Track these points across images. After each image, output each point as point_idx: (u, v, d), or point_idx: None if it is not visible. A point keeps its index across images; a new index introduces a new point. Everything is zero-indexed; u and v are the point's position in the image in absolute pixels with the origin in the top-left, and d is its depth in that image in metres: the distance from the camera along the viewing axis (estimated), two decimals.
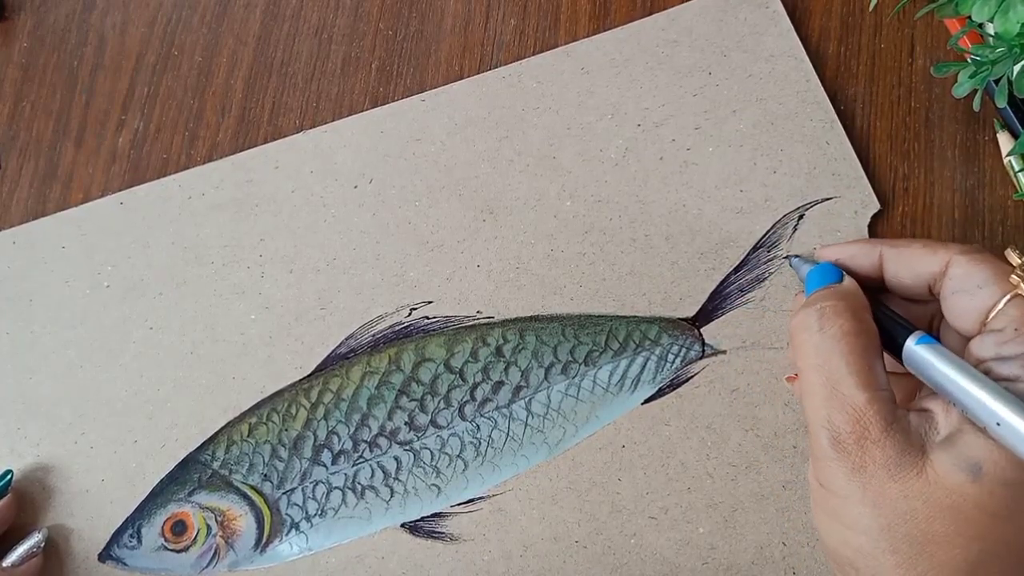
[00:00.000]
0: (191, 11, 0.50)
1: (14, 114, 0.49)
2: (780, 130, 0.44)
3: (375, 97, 0.48)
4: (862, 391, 0.28)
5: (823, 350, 0.29)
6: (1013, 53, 0.37)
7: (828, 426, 0.28)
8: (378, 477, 0.41)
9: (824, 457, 0.29)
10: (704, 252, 0.42)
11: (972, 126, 0.44)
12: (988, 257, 0.31)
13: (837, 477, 0.28)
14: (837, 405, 0.28)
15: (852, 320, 0.30)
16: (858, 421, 0.28)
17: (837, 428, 0.28)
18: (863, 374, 0.29)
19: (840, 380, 0.29)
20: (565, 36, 0.47)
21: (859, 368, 0.29)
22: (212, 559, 0.40)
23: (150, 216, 0.46)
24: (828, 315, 0.30)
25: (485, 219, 0.44)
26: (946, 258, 0.31)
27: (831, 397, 0.29)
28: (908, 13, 0.46)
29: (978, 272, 0.30)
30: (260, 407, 0.42)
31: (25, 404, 0.43)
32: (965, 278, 0.30)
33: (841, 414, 0.28)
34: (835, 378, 0.29)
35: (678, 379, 0.41)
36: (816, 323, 0.30)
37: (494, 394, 0.41)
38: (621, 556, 0.39)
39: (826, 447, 0.28)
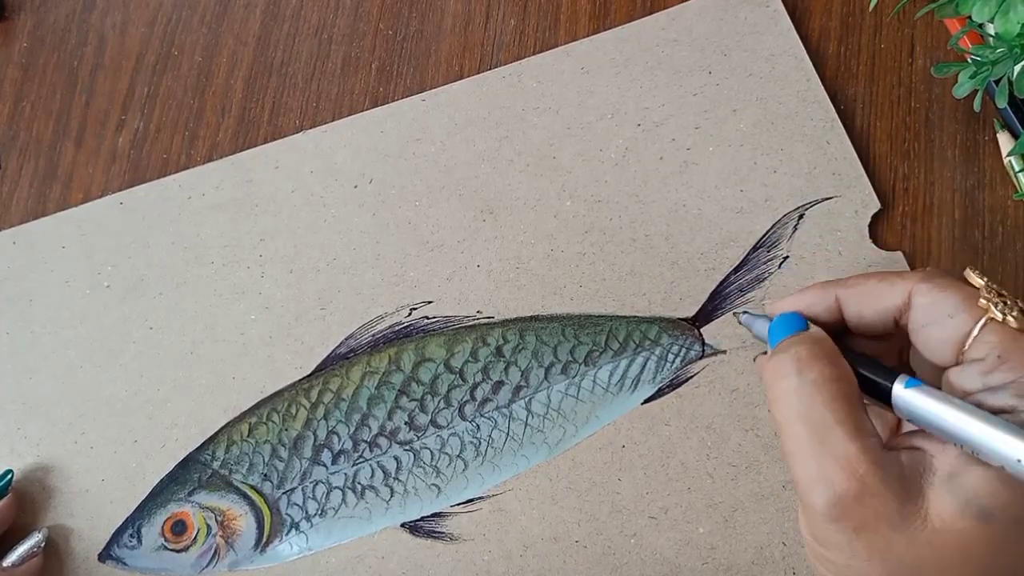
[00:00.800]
0: (191, 11, 0.50)
1: (14, 114, 0.49)
2: (780, 129, 0.44)
3: (375, 97, 0.48)
4: (852, 441, 0.27)
5: (805, 398, 0.28)
6: (1013, 53, 0.37)
7: (824, 483, 0.27)
8: (378, 477, 0.41)
9: (822, 518, 0.27)
10: (704, 252, 0.42)
11: (972, 126, 0.44)
12: (951, 282, 0.29)
13: (838, 538, 0.27)
14: (829, 459, 0.27)
15: (830, 365, 0.28)
16: (854, 475, 0.26)
17: (833, 484, 0.26)
18: (851, 422, 0.27)
19: (828, 430, 0.27)
20: (565, 36, 0.47)
21: (846, 416, 0.27)
22: (212, 559, 0.40)
23: (150, 216, 0.46)
24: (805, 360, 0.28)
25: (485, 219, 0.44)
26: (907, 288, 0.29)
27: (821, 450, 0.27)
28: (908, 13, 0.46)
29: (945, 301, 0.28)
30: (260, 407, 0.42)
31: (25, 404, 0.43)
32: (932, 308, 0.29)
33: (835, 468, 0.26)
34: (822, 429, 0.27)
35: (678, 379, 0.41)
36: (794, 369, 0.28)
37: (494, 394, 0.41)
38: (621, 556, 0.39)
39: (823, 508, 0.27)
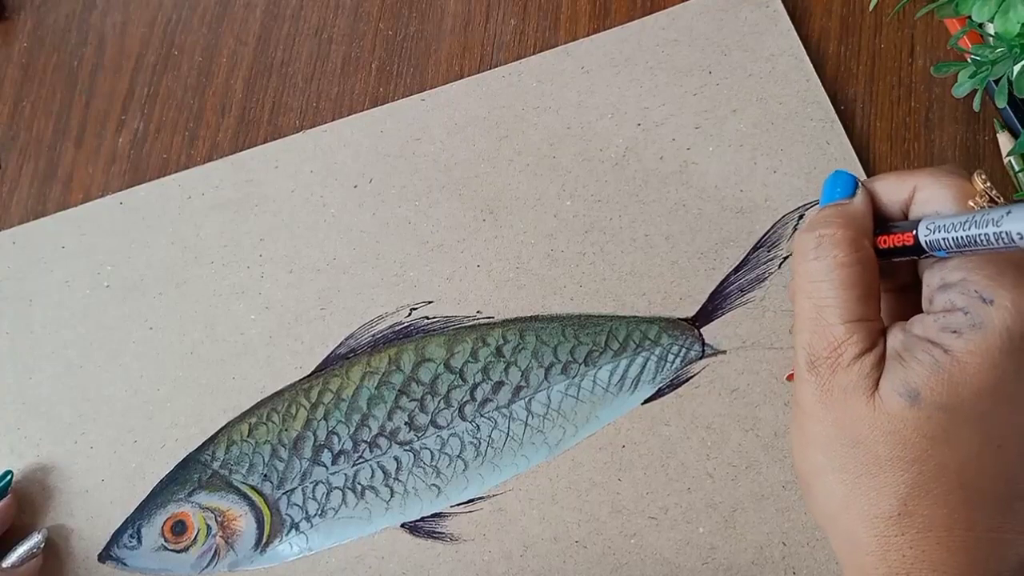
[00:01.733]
0: (191, 11, 0.50)
1: (14, 114, 0.49)
2: (780, 130, 0.44)
3: (375, 97, 0.48)
4: (842, 322, 0.29)
5: (815, 277, 0.30)
6: (1013, 53, 0.37)
7: (807, 348, 0.30)
8: (378, 477, 0.41)
9: (800, 376, 0.30)
10: (704, 252, 0.42)
11: (972, 126, 0.44)
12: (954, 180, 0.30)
13: (807, 396, 0.30)
14: (820, 331, 0.30)
15: (848, 250, 0.30)
16: (834, 348, 0.29)
17: (815, 351, 0.29)
18: (848, 304, 0.29)
19: (825, 309, 0.30)
20: (565, 36, 0.47)
21: (846, 299, 0.29)
22: (212, 559, 0.40)
23: (150, 216, 0.46)
24: (825, 244, 0.30)
25: (485, 219, 0.44)
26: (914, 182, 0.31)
27: (816, 322, 0.30)
28: (908, 13, 0.46)
29: (940, 195, 0.30)
30: (260, 407, 0.42)
31: (25, 404, 0.43)
32: (926, 204, 0.30)
33: (821, 339, 0.29)
34: (821, 306, 0.30)
35: (678, 379, 0.41)
36: (812, 251, 0.31)
37: (494, 394, 0.41)
38: (621, 556, 0.39)
39: (802, 367, 0.30)
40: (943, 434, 0.27)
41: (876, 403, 0.28)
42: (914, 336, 0.29)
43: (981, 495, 0.27)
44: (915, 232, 0.29)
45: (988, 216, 0.26)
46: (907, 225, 0.30)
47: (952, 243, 0.28)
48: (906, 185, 0.31)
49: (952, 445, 0.27)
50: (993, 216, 0.26)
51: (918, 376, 0.28)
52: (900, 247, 0.30)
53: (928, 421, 0.27)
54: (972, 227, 0.27)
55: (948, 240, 0.28)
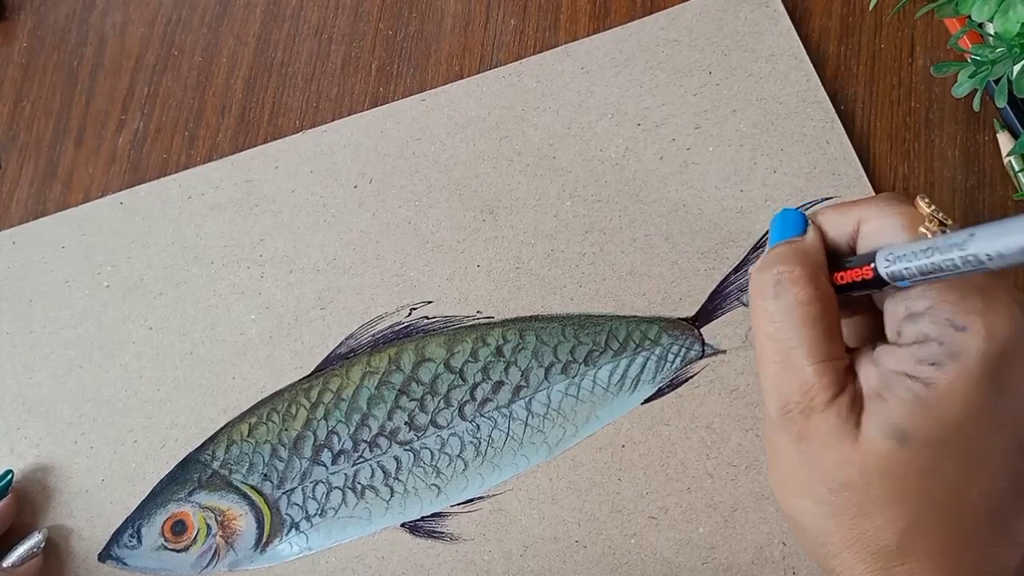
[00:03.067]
0: (191, 11, 0.50)
1: (14, 114, 0.49)
2: (780, 130, 0.44)
3: (375, 97, 0.48)
4: (811, 363, 0.28)
5: (777, 318, 0.29)
6: (1013, 53, 0.37)
7: (776, 392, 0.29)
8: (378, 477, 0.41)
9: (771, 424, 0.29)
10: (704, 252, 0.42)
11: (972, 126, 0.44)
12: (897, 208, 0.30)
13: (783, 444, 0.29)
14: (787, 375, 0.29)
15: (807, 287, 0.29)
16: (806, 392, 0.28)
17: (785, 397, 0.29)
18: (814, 343, 0.29)
19: (791, 350, 0.29)
20: (565, 36, 0.47)
21: (810, 338, 0.29)
22: (212, 559, 0.40)
23: (150, 216, 0.46)
24: (784, 283, 0.30)
25: (485, 219, 0.44)
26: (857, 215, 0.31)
27: (782, 366, 0.29)
28: (908, 13, 0.46)
29: (887, 226, 0.29)
30: (260, 407, 0.42)
31: (25, 404, 0.43)
32: (874, 235, 0.30)
33: (790, 384, 0.29)
34: (786, 348, 0.29)
35: (678, 379, 0.41)
36: (772, 290, 0.30)
37: (494, 394, 0.41)
38: (621, 556, 0.39)
39: (773, 415, 0.29)
40: (932, 467, 0.27)
41: (862, 446, 0.27)
42: (889, 371, 0.28)
43: (974, 518, 0.27)
44: (873, 265, 0.29)
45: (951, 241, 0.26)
46: (862, 259, 0.30)
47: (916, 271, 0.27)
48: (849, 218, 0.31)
49: (942, 476, 0.27)
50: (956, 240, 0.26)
51: (901, 414, 0.27)
52: (859, 281, 0.30)
53: (918, 457, 0.27)
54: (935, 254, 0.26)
55: (911, 269, 0.27)
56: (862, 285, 0.30)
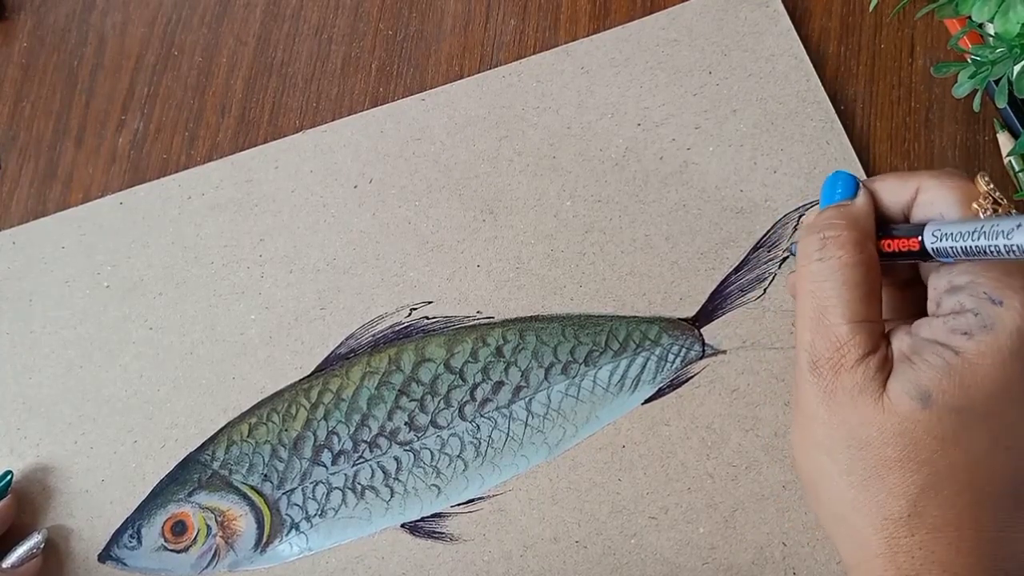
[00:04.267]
0: (191, 11, 0.50)
1: (14, 114, 0.49)
2: (780, 130, 0.44)
3: (375, 97, 0.48)
4: (846, 322, 0.29)
5: (818, 278, 0.30)
6: (1013, 53, 0.37)
7: (810, 349, 0.30)
8: (378, 477, 0.41)
9: (802, 378, 0.30)
10: (704, 252, 0.42)
11: (972, 126, 0.44)
12: (957, 182, 0.30)
13: (810, 398, 0.30)
14: (822, 332, 0.29)
15: (852, 251, 0.30)
16: (837, 349, 0.29)
17: (817, 352, 0.29)
18: (852, 305, 0.29)
19: (828, 309, 0.29)
20: (565, 36, 0.47)
21: (849, 299, 0.29)
22: (212, 559, 0.40)
23: (150, 216, 0.46)
24: (830, 245, 0.30)
25: (485, 219, 0.44)
26: (916, 184, 0.31)
27: (818, 323, 0.30)
28: (908, 13, 0.46)
29: (943, 197, 0.30)
30: (260, 407, 0.42)
31: (25, 404, 0.43)
32: (929, 206, 0.30)
33: (823, 340, 0.29)
34: (824, 306, 0.30)
35: (678, 379, 0.41)
36: (817, 252, 0.31)
37: (494, 394, 0.41)
38: (621, 556, 0.39)
39: (804, 369, 0.30)
40: (953, 435, 0.27)
41: (885, 404, 0.28)
42: (922, 339, 0.29)
43: (990, 496, 0.27)
44: (920, 238, 0.29)
45: (997, 227, 0.26)
46: (911, 229, 0.30)
47: (959, 251, 0.28)
48: (908, 186, 0.31)
49: (962, 446, 0.27)
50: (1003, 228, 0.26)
51: (929, 378, 0.27)
52: (904, 251, 0.30)
53: (939, 422, 0.27)
54: (981, 238, 0.27)
55: (955, 248, 0.28)
56: (907, 255, 0.30)
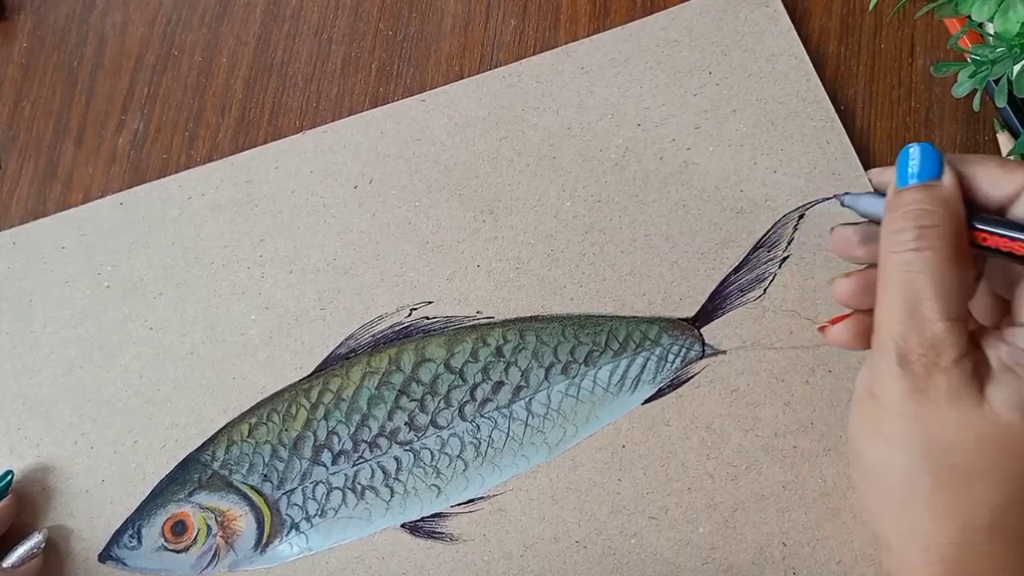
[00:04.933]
0: (191, 11, 0.50)
1: (14, 114, 0.49)
2: (780, 129, 0.44)
3: (375, 97, 0.48)
4: (943, 318, 0.27)
5: (914, 268, 0.28)
6: (1013, 53, 0.37)
7: (900, 341, 0.28)
8: (378, 477, 0.41)
9: (886, 371, 0.28)
10: (704, 252, 0.42)
11: (972, 126, 0.44)
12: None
13: (894, 392, 0.28)
14: (915, 325, 0.28)
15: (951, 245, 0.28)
16: (932, 346, 0.27)
17: (909, 347, 0.28)
18: (949, 301, 0.28)
19: (923, 302, 0.28)
20: (565, 36, 0.47)
21: (947, 294, 0.28)
22: (212, 559, 0.40)
23: (150, 216, 0.46)
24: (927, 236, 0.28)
25: (485, 219, 0.44)
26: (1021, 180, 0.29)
27: (911, 315, 0.28)
28: (908, 13, 0.46)
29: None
30: (260, 407, 0.42)
31: (25, 404, 0.43)
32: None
33: (917, 335, 0.28)
34: (919, 298, 0.28)
35: (678, 379, 0.41)
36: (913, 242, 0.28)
37: (494, 394, 0.41)
38: (621, 556, 0.39)
39: (892, 362, 0.28)
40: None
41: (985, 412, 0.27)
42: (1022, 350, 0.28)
43: None
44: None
45: None
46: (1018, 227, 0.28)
47: None
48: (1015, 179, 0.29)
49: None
50: None
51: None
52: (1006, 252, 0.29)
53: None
54: None
55: None
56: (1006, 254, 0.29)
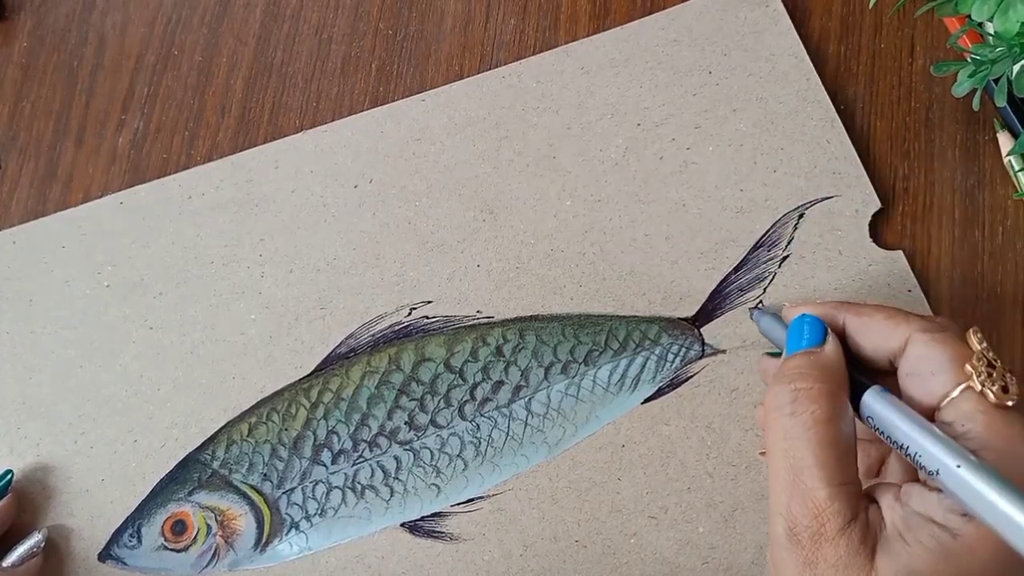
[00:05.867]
0: (191, 11, 0.50)
1: (14, 114, 0.49)
2: (780, 129, 0.44)
3: (375, 97, 0.48)
4: (824, 486, 0.27)
5: (791, 436, 0.28)
6: (1013, 52, 0.37)
7: (786, 515, 0.28)
8: (378, 477, 0.41)
9: (778, 544, 0.28)
10: (704, 252, 0.42)
11: (972, 126, 0.44)
12: (948, 338, 0.29)
13: (788, 566, 0.28)
14: (798, 496, 0.28)
15: (826, 405, 0.29)
16: (816, 516, 0.27)
17: (794, 519, 0.28)
18: (828, 466, 0.28)
19: (804, 470, 0.28)
20: (565, 36, 0.47)
21: (825, 460, 0.28)
22: (212, 559, 0.40)
23: (150, 216, 0.46)
24: (802, 399, 0.29)
25: (485, 219, 0.44)
26: (906, 334, 0.30)
27: (793, 486, 0.28)
28: (908, 12, 0.46)
29: (933, 356, 0.29)
30: (260, 407, 0.42)
31: (25, 404, 0.43)
32: (920, 361, 0.29)
33: (801, 506, 0.28)
34: (799, 467, 0.28)
35: (678, 379, 0.41)
36: (788, 406, 0.29)
37: (494, 394, 0.41)
38: (621, 556, 0.39)
39: (781, 535, 0.28)
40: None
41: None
42: (915, 512, 0.27)
43: None
44: None
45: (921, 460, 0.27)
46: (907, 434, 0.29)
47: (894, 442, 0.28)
48: (898, 334, 0.30)
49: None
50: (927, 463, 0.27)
51: (923, 561, 0.26)
52: None
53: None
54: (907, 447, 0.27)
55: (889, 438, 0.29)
56: None
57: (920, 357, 0.29)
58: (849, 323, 0.32)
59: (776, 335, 0.36)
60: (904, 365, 0.30)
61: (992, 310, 0.41)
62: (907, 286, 0.41)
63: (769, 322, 0.37)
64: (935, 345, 0.29)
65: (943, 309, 0.41)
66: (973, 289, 0.42)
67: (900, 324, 0.30)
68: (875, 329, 0.31)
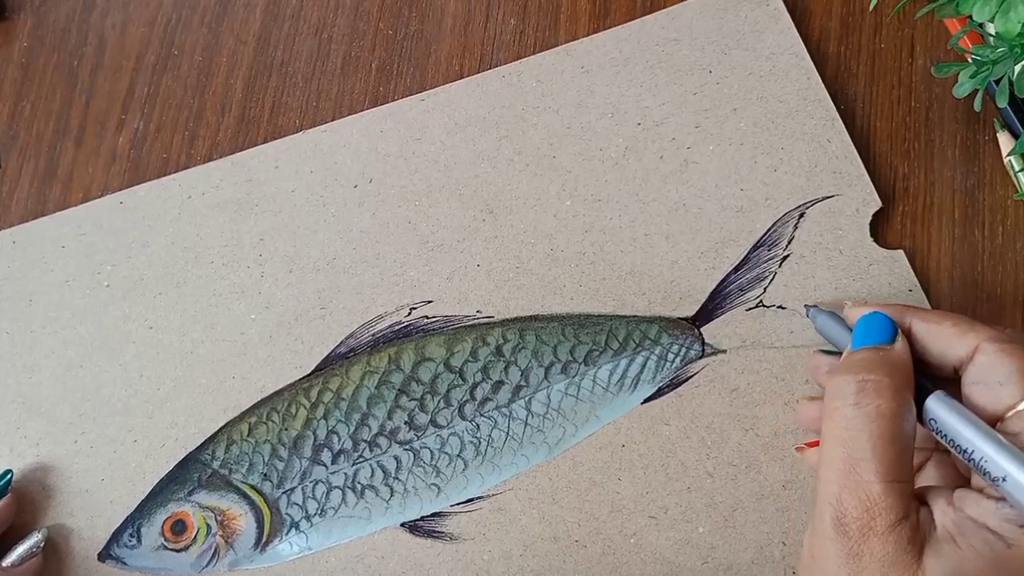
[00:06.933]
0: (191, 11, 0.50)
1: (14, 114, 0.49)
2: (781, 128, 0.44)
3: (375, 97, 0.48)
4: (880, 480, 0.27)
5: (853, 426, 0.28)
6: (1014, 53, 0.37)
7: (835, 504, 0.28)
8: (378, 476, 0.41)
9: (823, 533, 0.28)
10: (704, 251, 0.42)
11: (972, 126, 0.44)
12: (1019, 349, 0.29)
13: (830, 556, 0.28)
14: (851, 486, 0.27)
15: (892, 401, 0.28)
16: (868, 510, 0.27)
17: (845, 510, 0.27)
18: (887, 462, 0.27)
19: (861, 463, 0.28)
20: (565, 36, 0.47)
21: (884, 455, 0.27)
22: (212, 558, 0.40)
23: (150, 216, 0.46)
24: (868, 391, 0.28)
25: (485, 219, 0.44)
26: (975, 343, 0.29)
27: (848, 476, 0.28)
28: (908, 13, 0.46)
29: (1001, 366, 0.28)
30: (260, 406, 0.42)
31: (25, 404, 0.43)
32: (988, 369, 0.29)
33: (853, 497, 0.27)
34: (856, 458, 0.28)
35: (678, 379, 0.41)
36: (853, 396, 0.29)
37: (494, 393, 0.41)
38: (621, 556, 0.39)
39: (827, 524, 0.28)
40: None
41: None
42: (969, 519, 0.27)
43: None
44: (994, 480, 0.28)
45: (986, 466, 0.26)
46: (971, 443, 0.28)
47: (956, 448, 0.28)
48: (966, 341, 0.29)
49: None
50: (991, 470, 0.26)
51: (974, 566, 0.26)
52: None
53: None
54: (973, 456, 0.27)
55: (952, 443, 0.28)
56: None
57: (988, 366, 0.29)
58: (916, 327, 0.32)
59: (833, 333, 0.36)
60: (971, 373, 0.30)
61: (992, 310, 0.41)
62: (907, 285, 0.41)
63: (826, 319, 0.36)
64: (1005, 355, 0.29)
65: (943, 308, 0.41)
66: (973, 289, 0.42)
67: (968, 332, 0.30)
68: (943, 335, 0.30)
